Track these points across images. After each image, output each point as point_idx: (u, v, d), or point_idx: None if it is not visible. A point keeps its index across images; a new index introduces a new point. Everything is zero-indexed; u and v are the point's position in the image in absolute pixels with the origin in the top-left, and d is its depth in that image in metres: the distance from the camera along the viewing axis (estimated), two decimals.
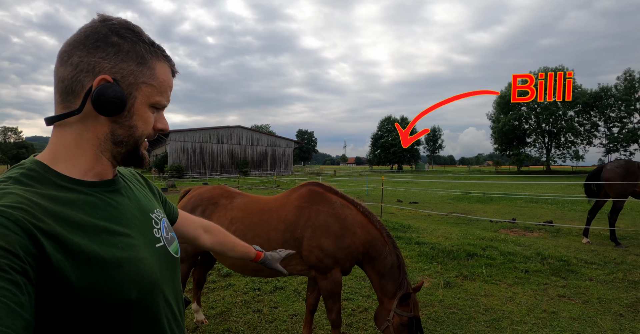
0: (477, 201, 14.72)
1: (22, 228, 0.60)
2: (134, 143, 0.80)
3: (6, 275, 0.54)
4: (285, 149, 47.65)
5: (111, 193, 0.81)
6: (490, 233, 7.63)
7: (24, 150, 74.82)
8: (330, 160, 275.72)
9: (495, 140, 56.69)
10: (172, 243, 0.94)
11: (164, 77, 0.82)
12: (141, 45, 0.78)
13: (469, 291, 4.42)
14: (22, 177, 0.70)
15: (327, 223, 2.76)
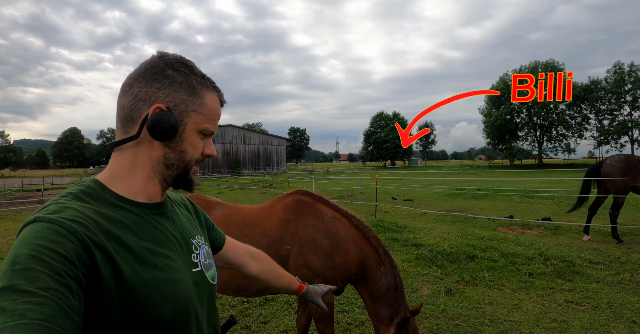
0: (473, 198, 14.53)
1: (78, 238, 0.65)
2: (184, 166, 0.86)
3: (61, 279, 0.59)
4: (278, 147, 47.27)
5: (157, 215, 0.86)
6: (489, 232, 7.40)
7: (12, 154, 73.67)
8: (323, 157, 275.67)
9: (487, 134, 56.85)
10: (209, 269, 0.97)
11: (213, 106, 0.88)
12: (193, 77, 0.85)
13: (472, 298, 4.16)
14: (81, 194, 0.77)
15: (316, 239, 2.45)
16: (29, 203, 18.39)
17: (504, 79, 53.54)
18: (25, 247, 0.61)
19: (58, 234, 0.63)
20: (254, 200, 16.35)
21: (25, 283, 0.56)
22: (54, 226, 0.64)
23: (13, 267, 0.58)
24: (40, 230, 0.64)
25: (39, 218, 0.66)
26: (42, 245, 0.61)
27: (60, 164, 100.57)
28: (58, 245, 0.62)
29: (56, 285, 0.58)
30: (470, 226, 8.48)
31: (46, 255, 0.60)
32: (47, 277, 0.58)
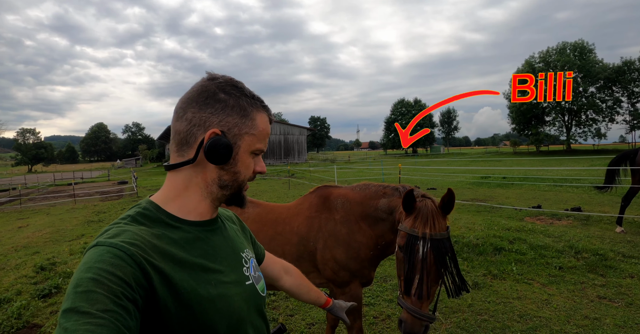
0: (498, 186, 14.23)
1: (136, 261, 0.68)
2: (237, 186, 0.90)
3: (119, 301, 0.62)
4: (299, 137, 47.34)
5: (209, 232, 0.90)
6: (516, 223, 7.25)
7: (43, 150, 76.40)
8: (344, 145, 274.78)
9: (512, 119, 55.08)
10: (259, 281, 1.00)
11: (263, 126, 0.91)
12: (243, 99, 0.87)
13: (499, 292, 4.11)
14: (138, 216, 0.82)
15: (335, 231, 2.46)
16: (62, 197, 19.15)
17: (530, 62, 51.56)
18: (87, 271, 0.64)
19: (117, 257, 0.67)
20: (277, 190, 16.51)
21: (87, 305, 0.60)
22: (114, 250, 0.68)
23: (75, 289, 0.62)
24: (101, 254, 0.67)
25: (100, 243, 0.70)
26: (102, 268, 0.65)
27: (88, 158, 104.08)
28: (117, 268, 0.66)
29: (114, 307, 0.61)
30: (497, 216, 8.33)
31: (106, 278, 0.64)
32: (106, 299, 0.61)
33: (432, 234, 1.72)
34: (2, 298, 4.74)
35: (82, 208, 14.78)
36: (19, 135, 77.59)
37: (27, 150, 73.88)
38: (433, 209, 1.81)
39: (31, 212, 14.73)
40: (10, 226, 11.31)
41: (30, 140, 78.16)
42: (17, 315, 4.21)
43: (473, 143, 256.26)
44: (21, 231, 10.17)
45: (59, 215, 13.18)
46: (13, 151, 74.06)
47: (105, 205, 15.02)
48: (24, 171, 64.18)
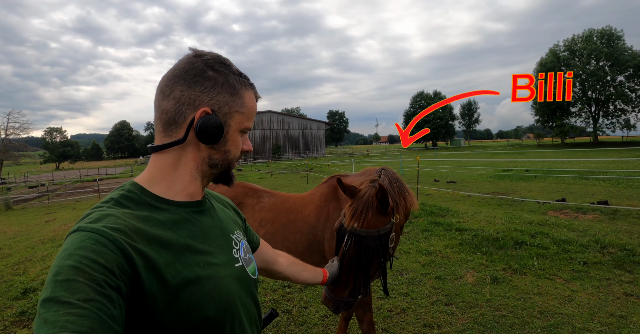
0: (520, 179, 13.87)
1: (119, 247, 0.66)
2: (227, 165, 0.89)
3: (102, 289, 0.60)
4: (317, 131, 47.32)
5: (197, 213, 0.87)
6: (539, 216, 7.04)
7: (70, 148, 78.93)
8: (362, 139, 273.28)
9: (536, 111, 53.55)
10: (249, 264, 0.98)
11: (252, 104, 0.90)
12: (232, 77, 0.85)
13: (519, 288, 3.99)
14: (122, 199, 0.79)
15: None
16: (87, 193, 19.75)
17: (554, 51, 49.87)
18: (68, 258, 0.62)
19: (99, 244, 0.64)
20: (295, 184, 16.56)
21: (67, 294, 0.57)
22: (95, 236, 0.65)
23: (55, 278, 0.59)
24: (82, 240, 0.65)
25: (81, 228, 0.68)
26: (83, 255, 0.62)
27: (113, 155, 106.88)
28: (99, 255, 0.63)
29: (96, 296, 0.59)
30: (518, 210, 8.11)
31: (87, 265, 0.61)
32: (87, 288, 0.59)
33: (356, 229, 1.60)
34: (29, 287, 4.93)
35: None
36: (47, 134, 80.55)
37: (55, 148, 76.51)
38: (369, 202, 1.65)
39: (58, 207, 15.24)
40: (39, 220, 11.73)
41: (57, 138, 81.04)
42: None
43: (495, 136, 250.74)
44: (48, 225, 10.54)
45: (84, 209, 13.58)
46: (41, 149, 76.70)
47: None
48: (52, 169, 66.51)
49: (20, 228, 10.52)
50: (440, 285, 4.18)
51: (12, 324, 3.97)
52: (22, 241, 8.51)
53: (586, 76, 46.91)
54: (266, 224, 2.75)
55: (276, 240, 2.63)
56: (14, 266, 6.20)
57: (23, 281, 5.27)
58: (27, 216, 13.22)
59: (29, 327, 3.89)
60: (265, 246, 1.28)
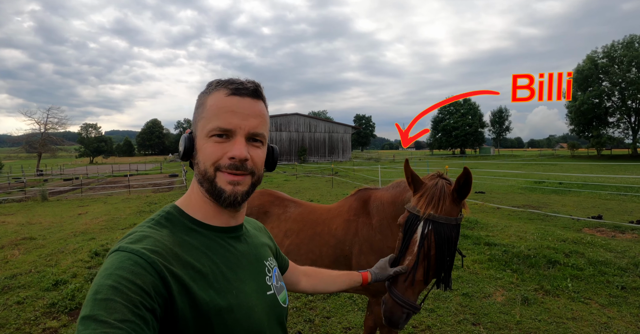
0: (553, 192, 13.34)
1: (156, 270, 0.67)
2: (204, 178, 0.82)
3: (138, 311, 0.61)
4: (343, 135, 47.24)
5: (232, 239, 0.87)
6: (573, 234, 6.73)
7: (103, 143, 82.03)
8: (388, 144, 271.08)
9: (571, 120, 51.44)
10: (281, 292, 0.97)
11: (212, 103, 0.82)
12: (205, 92, 0.85)
13: (552, 311, 3.80)
14: (162, 219, 0.81)
15: (370, 236, 2.36)
16: (118, 188, 20.38)
17: (592, 58, 47.72)
18: (108, 277, 0.64)
19: (137, 265, 0.66)
20: (320, 188, 16.55)
21: (105, 313, 0.59)
22: (135, 257, 0.68)
23: (95, 296, 0.61)
24: (122, 260, 0.67)
25: (122, 248, 0.70)
26: (122, 275, 0.64)
27: (143, 152, 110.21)
28: (137, 276, 0.65)
29: (132, 317, 0.60)
30: (551, 225, 7.78)
31: (125, 286, 0.63)
32: (124, 308, 0.60)
33: (435, 215, 1.50)
34: (60, 279, 5.10)
35: (136, 198, 15.63)
36: (83, 129, 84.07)
37: (89, 143, 79.64)
38: (444, 190, 1.57)
39: (90, 200, 15.79)
40: (72, 213, 12.18)
41: (92, 134, 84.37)
42: (71, 297, 4.51)
43: (526, 145, 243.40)
44: (80, 218, 10.92)
45: (114, 204, 14.02)
46: (77, 144, 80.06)
47: (156, 196, 15.78)
48: (86, 163, 69.19)
49: (54, 219, 10.95)
50: (468, 303, 4.04)
51: (42, 315, 4.10)
52: (56, 232, 8.86)
53: (626, 85, 44.76)
54: (291, 235, 2.71)
55: (301, 252, 2.59)
56: (47, 257, 6.45)
57: (55, 272, 5.47)
58: (61, 208, 13.76)
59: (59, 319, 4.02)
60: (293, 269, 1.25)
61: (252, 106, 0.83)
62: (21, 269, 5.80)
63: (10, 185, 24.59)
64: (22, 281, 5.20)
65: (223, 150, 0.80)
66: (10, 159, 47.12)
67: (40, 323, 3.94)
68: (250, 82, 0.84)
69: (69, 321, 3.98)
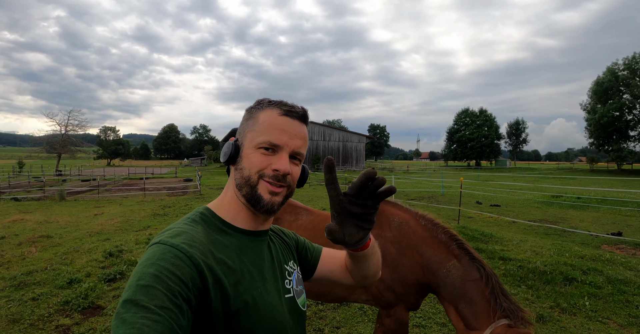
0: (571, 207, 13.03)
1: (194, 263, 0.72)
2: (245, 183, 0.87)
3: (176, 300, 0.65)
4: (357, 144, 47.17)
5: (258, 242, 0.93)
6: (591, 250, 6.55)
7: (121, 146, 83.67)
8: (402, 154, 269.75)
9: (590, 133, 50.33)
10: (300, 296, 1.00)
11: (264, 118, 0.89)
12: (256, 108, 0.92)
13: (568, 330, 3.69)
14: (198, 218, 0.87)
15: (385, 249, 2.32)
16: (134, 190, 20.69)
17: (612, 70, 46.64)
18: (150, 266, 0.68)
19: (177, 258, 0.71)
20: None
21: (146, 299, 0.63)
22: (175, 251, 0.72)
23: (138, 282, 0.65)
24: (163, 252, 0.71)
25: (162, 241, 0.75)
26: (164, 266, 0.68)
27: (159, 156, 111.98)
28: (177, 268, 0.69)
29: (170, 305, 0.64)
30: (568, 241, 7.59)
31: (166, 275, 0.67)
32: (164, 296, 0.64)
33: None
34: (74, 278, 5.19)
35: (151, 201, 15.83)
36: (101, 132, 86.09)
37: (108, 145, 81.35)
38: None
39: (107, 201, 16.05)
40: (88, 213, 12.39)
41: (111, 137, 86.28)
42: (84, 295, 4.57)
43: (543, 158, 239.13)
44: (96, 218, 11.10)
45: (130, 206, 14.22)
46: (95, 146, 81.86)
47: (170, 200, 15.96)
48: (104, 165, 70.51)
49: (71, 218, 11.16)
50: None
51: (56, 313, 4.17)
52: (72, 231, 9.02)
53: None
54: None
55: None
56: (63, 256, 6.56)
57: (69, 271, 5.56)
58: (78, 207, 14.01)
59: (71, 317, 4.07)
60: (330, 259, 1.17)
61: (299, 128, 0.91)
62: (37, 266, 5.92)
63: (30, 184, 25.20)
64: (37, 278, 5.30)
65: (268, 161, 0.87)
66: (31, 159, 48.37)
67: (53, 320, 4.00)
68: (299, 108, 0.93)
69: (82, 320, 4.03)
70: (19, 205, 15.12)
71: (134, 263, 6.01)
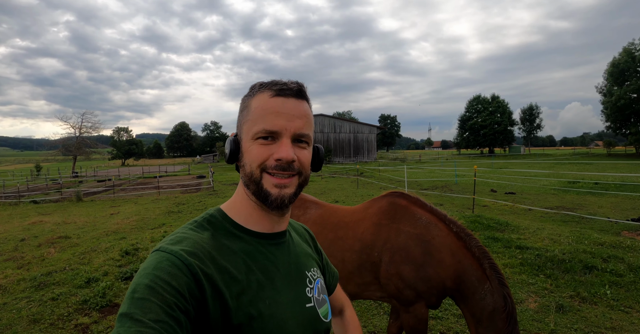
0: (589, 193, 12.76)
1: (192, 272, 0.68)
2: (250, 180, 0.81)
3: (172, 312, 0.62)
4: (368, 135, 46.91)
5: (273, 246, 0.85)
6: (611, 237, 6.39)
7: (134, 146, 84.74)
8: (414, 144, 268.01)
9: (607, 116, 49.04)
10: (322, 305, 0.92)
11: (256, 105, 0.81)
12: (248, 95, 0.85)
13: (589, 319, 3.61)
14: (205, 222, 0.82)
15: (408, 246, 2.26)
16: (148, 189, 20.96)
17: (629, 50, 45.10)
18: (145, 277, 0.65)
19: (174, 266, 0.67)
20: (345, 188, 16.48)
21: (140, 312, 0.60)
22: (172, 258, 0.69)
23: (133, 295, 0.63)
24: (160, 261, 0.68)
25: (161, 248, 0.72)
26: (158, 276, 0.65)
27: (172, 154, 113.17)
28: (173, 277, 0.66)
29: (166, 318, 0.61)
30: (587, 228, 7.43)
31: (161, 286, 0.64)
32: (159, 309, 0.61)
33: None
34: (92, 277, 5.28)
35: (165, 199, 16.02)
36: (115, 132, 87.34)
37: (121, 146, 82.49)
38: None
39: (122, 201, 16.31)
40: (104, 213, 12.60)
41: (124, 137, 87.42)
42: (102, 294, 4.65)
43: (558, 143, 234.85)
44: (112, 218, 11.29)
45: (144, 204, 14.42)
46: (110, 147, 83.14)
47: (184, 197, 16.13)
48: (118, 165, 71.67)
49: (88, 219, 11.37)
50: None
51: (75, 312, 4.24)
52: (89, 231, 9.18)
53: None
54: None
55: None
56: (81, 256, 6.69)
57: (87, 270, 5.66)
58: (95, 208, 14.27)
59: (90, 315, 4.14)
60: (338, 291, 1.14)
61: (297, 106, 0.81)
62: (56, 266, 6.04)
63: (48, 186, 25.76)
64: (57, 278, 5.41)
65: (269, 151, 0.79)
66: (48, 162, 49.41)
67: (72, 319, 4.08)
68: (293, 83, 0.82)
69: (100, 318, 4.10)
70: (38, 207, 15.47)
71: None
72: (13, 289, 5.05)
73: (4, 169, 67.12)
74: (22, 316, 4.18)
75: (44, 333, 3.80)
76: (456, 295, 2.21)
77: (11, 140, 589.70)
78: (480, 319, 2.08)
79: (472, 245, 2.22)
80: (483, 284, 2.12)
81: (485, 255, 2.19)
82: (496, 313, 2.04)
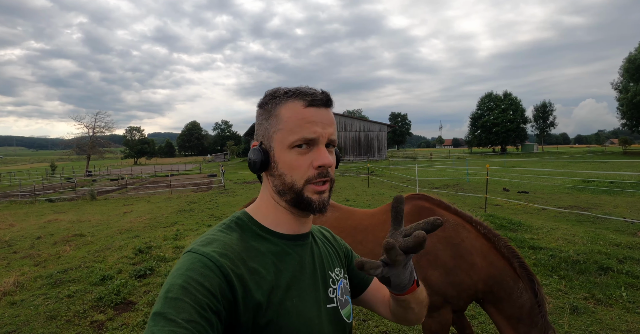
0: (604, 192, 12.53)
1: (223, 273, 0.70)
2: (289, 189, 0.83)
3: (204, 312, 0.64)
4: (379, 133, 46.72)
5: (298, 247, 0.88)
6: (627, 238, 6.27)
7: (146, 145, 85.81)
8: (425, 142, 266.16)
9: (623, 113, 48.04)
10: (345, 306, 0.93)
11: (289, 114, 0.83)
12: (271, 103, 0.85)
13: (604, 322, 3.55)
14: (233, 224, 0.85)
15: (436, 250, 2.21)
16: (160, 187, 21.20)
17: None
18: (179, 277, 0.68)
19: (206, 267, 0.70)
20: (355, 187, 16.45)
21: (173, 312, 0.62)
22: (205, 259, 0.71)
23: (166, 294, 0.65)
24: (193, 262, 0.71)
25: (193, 250, 0.74)
26: (191, 277, 0.67)
27: (184, 153, 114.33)
28: (205, 278, 0.68)
29: (198, 318, 0.63)
30: (602, 228, 7.30)
31: (194, 287, 0.66)
32: (192, 309, 0.63)
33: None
34: (106, 275, 5.37)
35: (177, 197, 16.20)
36: (127, 132, 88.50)
37: (134, 145, 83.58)
38: None
39: (135, 199, 16.53)
40: (118, 211, 12.80)
41: (136, 136, 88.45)
42: (116, 292, 4.73)
43: (572, 141, 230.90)
44: (126, 216, 11.45)
45: (157, 203, 14.59)
46: (122, 146, 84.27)
47: (196, 196, 16.28)
48: (131, 164, 72.66)
49: (102, 217, 11.55)
50: None
51: (90, 309, 4.32)
52: (103, 230, 9.33)
53: None
54: None
55: None
56: (95, 254, 6.80)
57: (102, 268, 5.76)
58: (109, 206, 14.49)
59: (105, 312, 4.22)
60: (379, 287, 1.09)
61: (327, 115, 0.85)
62: (72, 264, 6.15)
63: (63, 185, 26.24)
64: (72, 275, 5.52)
65: (309, 159, 0.82)
66: (62, 161, 50.27)
67: (88, 316, 4.15)
68: (322, 93, 0.85)
69: (114, 315, 4.17)
70: (53, 205, 15.77)
71: (162, 259, 6.17)
72: (30, 287, 5.17)
73: (20, 168, 68.59)
74: (39, 312, 4.28)
75: (61, 329, 3.88)
76: (488, 298, 2.17)
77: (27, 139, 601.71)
78: (521, 318, 2.07)
79: (500, 245, 2.19)
80: (517, 284, 2.11)
81: (514, 254, 2.17)
82: (534, 308, 2.06)
